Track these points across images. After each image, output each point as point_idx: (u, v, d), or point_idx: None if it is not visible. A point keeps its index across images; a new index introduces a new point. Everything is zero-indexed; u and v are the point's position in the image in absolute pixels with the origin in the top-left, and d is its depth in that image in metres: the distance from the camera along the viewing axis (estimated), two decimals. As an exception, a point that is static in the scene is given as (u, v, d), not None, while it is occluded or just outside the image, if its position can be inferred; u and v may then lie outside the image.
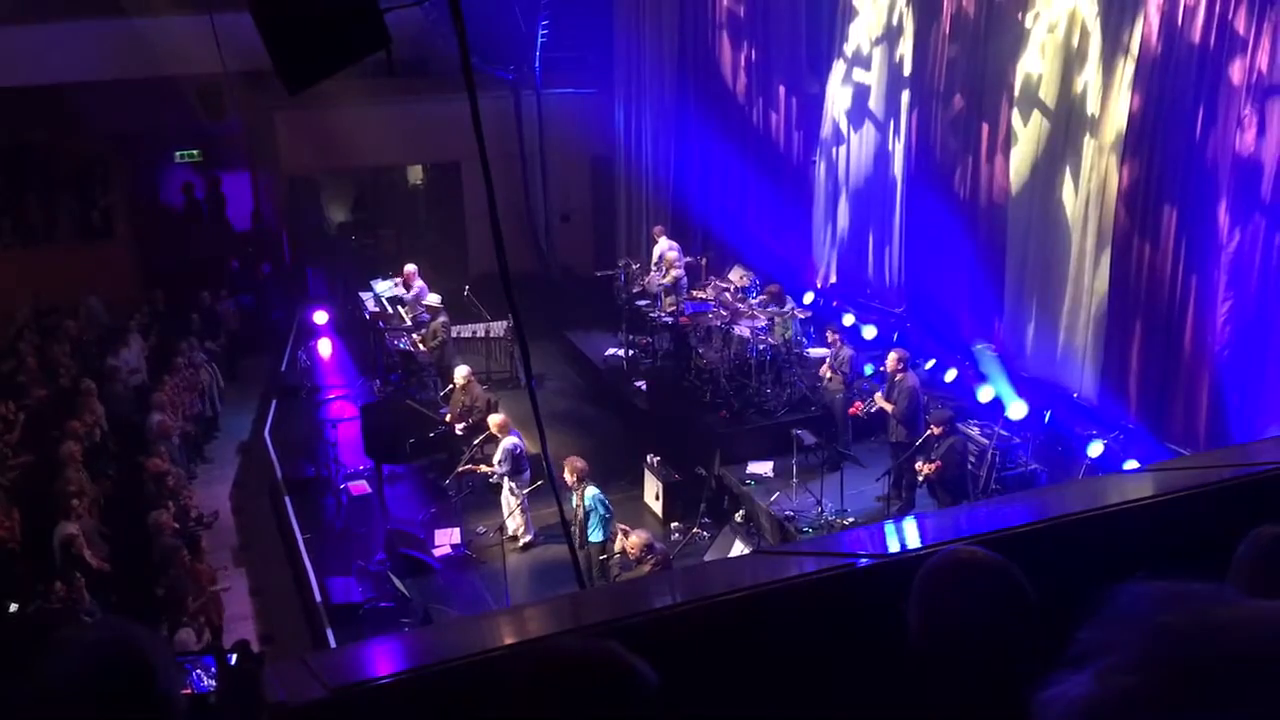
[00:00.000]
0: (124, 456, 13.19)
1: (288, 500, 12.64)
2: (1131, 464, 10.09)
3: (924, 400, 11.43)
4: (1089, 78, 11.25)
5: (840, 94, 15.11)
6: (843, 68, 15.01)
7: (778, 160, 16.25)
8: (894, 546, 3.20)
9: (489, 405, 12.76)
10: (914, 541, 3.12)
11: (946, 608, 2.04)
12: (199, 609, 10.01)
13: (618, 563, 9.94)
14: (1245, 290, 9.74)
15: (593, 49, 18.65)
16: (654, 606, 2.73)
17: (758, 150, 16.31)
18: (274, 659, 8.98)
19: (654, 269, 15.62)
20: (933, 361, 13.20)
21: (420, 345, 14.90)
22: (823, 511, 11.31)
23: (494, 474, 11.63)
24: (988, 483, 10.78)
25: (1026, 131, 12.07)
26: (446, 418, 12.85)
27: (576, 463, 10.67)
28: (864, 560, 2.88)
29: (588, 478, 10.70)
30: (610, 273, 16.56)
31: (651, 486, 12.41)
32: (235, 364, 16.89)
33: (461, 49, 3.73)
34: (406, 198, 21.52)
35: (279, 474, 13.31)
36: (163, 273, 18.40)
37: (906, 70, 13.90)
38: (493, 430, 11.65)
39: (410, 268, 15.71)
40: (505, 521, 11.39)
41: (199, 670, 8.17)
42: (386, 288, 16.08)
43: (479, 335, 15.84)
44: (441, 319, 14.88)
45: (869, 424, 12.31)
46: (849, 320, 14.46)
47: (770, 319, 13.54)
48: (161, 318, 16.93)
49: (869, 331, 14.30)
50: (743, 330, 13.40)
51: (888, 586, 2.15)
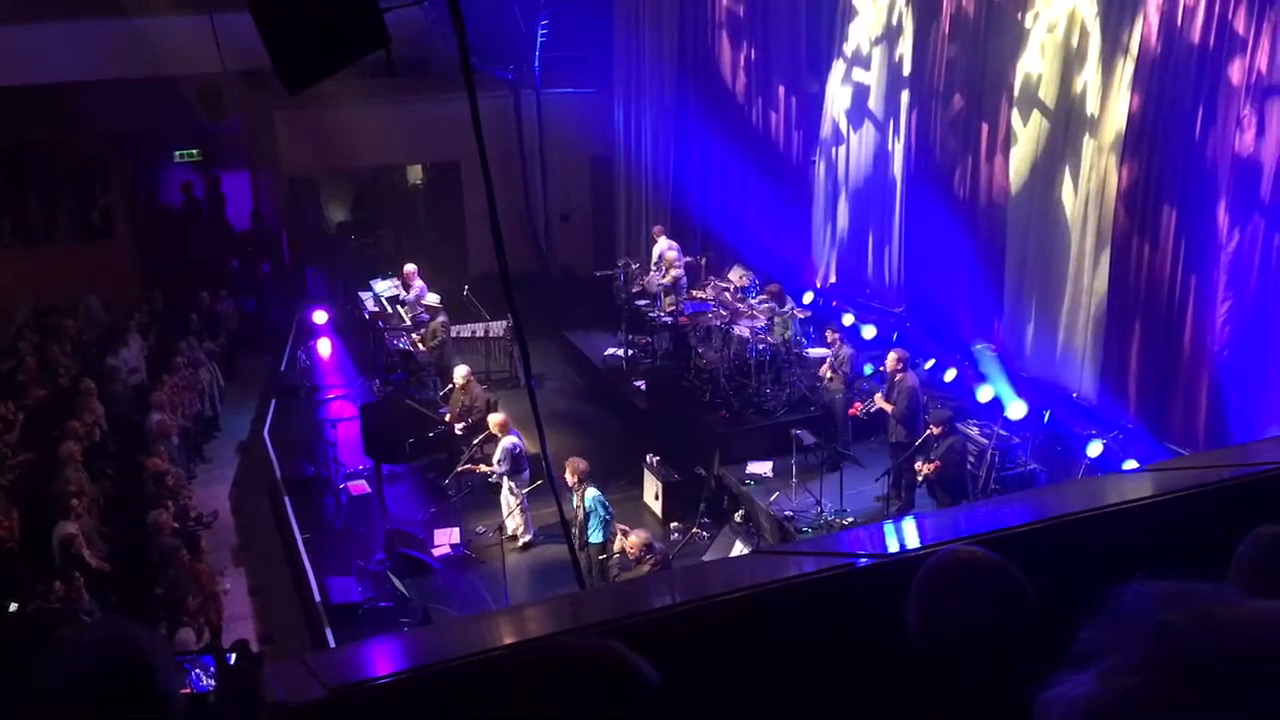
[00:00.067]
0: (123, 456, 13.20)
1: (287, 500, 12.65)
2: (1131, 464, 10.08)
3: (923, 400, 11.42)
4: (1088, 78, 11.25)
5: (840, 94, 15.11)
6: (842, 67, 15.01)
7: (777, 160, 16.25)
8: (893, 546, 3.20)
9: (488, 405, 12.76)
10: (913, 541, 3.12)
11: (946, 607, 2.04)
12: (199, 609, 10.02)
13: (617, 563, 9.94)
14: (1245, 290, 9.74)
15: (592, 49, 18.65)
16: (653, 606, 2.73)
17: (757, 150, 16.31)
18: (273, 659, 8.99)
19: (653, 269, 15.62)
20: (932, 361, 13.19)
21: (420, 345, 14.90)
22: (822, 511, 11.31)
23: (493, 474, 11.62)
24: (987, 483, 10.78)
25: (1026, 131, 12.07)
26: (446, 417, 12.84)
27: (578, 464, 10.67)
28: (863, 560, 2.88)
29: (588, 479, 10.69)
30: (610, 272, 16.56)
31: (651, 486, 12.41)
32: (235, 363, 16.89)
33: (461, 49, 3.73)
34: (406, 197, 21.51)
35: (278, 474, 13.31)
36: (162, 272, 18.41)
37: (906, 70, 13.90)
38: (492, 430, 11.64)
39: (410, 267, 15.72)
40: (505, 521, 11.39)
41: (198, 670, 8.19)
42: (386, 287, 16.09)
43: (478, 335, 15.84)
44: (441, 319, 14.88)
45: (868, 424, 12.30)
46: (848, 320, 14.46)
47: (770, 319, 13.54)
48: (161, 317, 16.93)
49: (868, 331, 14.29)
50: (742, 330, 13.40)
51: (887, 586, 2.15)
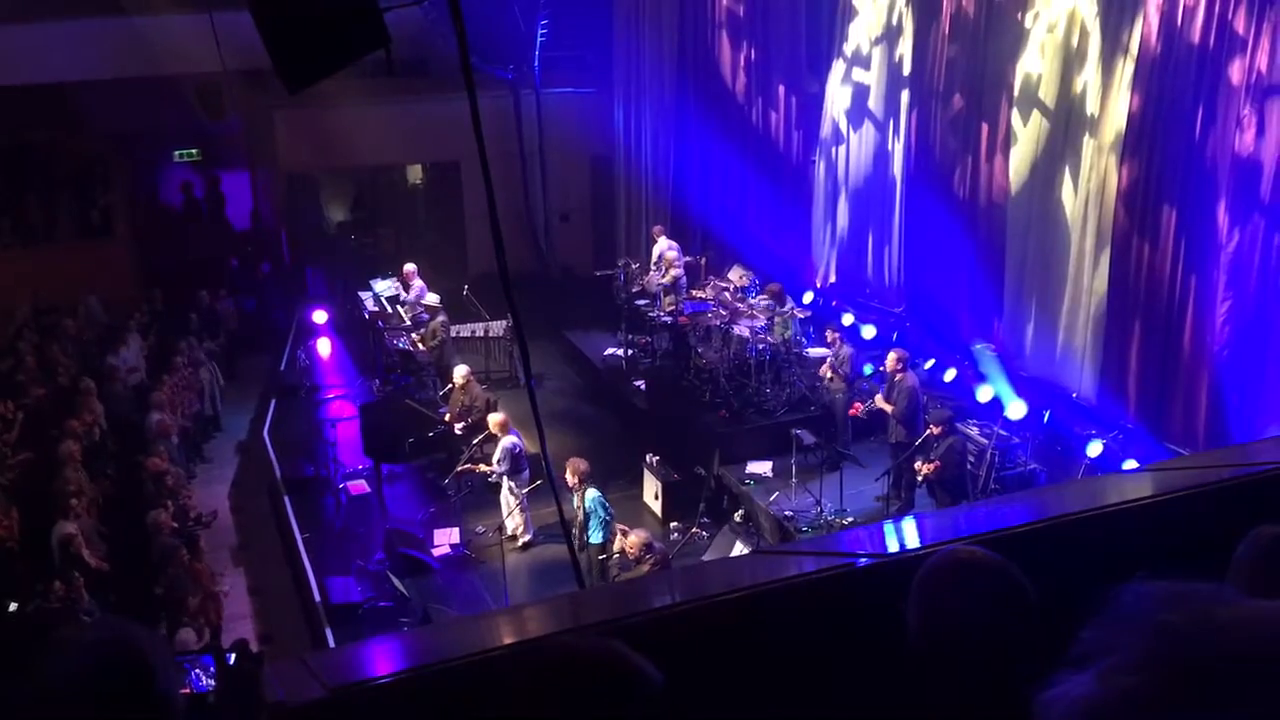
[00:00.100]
0: (123, 456, 13.19)
1: (287, 500, 12.65)
2: (1130, 464, 10.08)
3: (923, 400, 11.43)
4: (1088, 78, 11.25)
5: (840, 94, 15.11)
6: (842, 67, 15.01)
7: (777, 160, 16.25)
8: (893, 546, 3.20)
9: (488, 405, 12.75)
10: (913, 541, 3.12)
11: (946, 607, 2.03)
12: (199, 609, 10.02)
13: (617, 563, 9.93)
14: (1244, 290, 9.74)
15: (592, 48, 18.66)
16: (653, 606, 2.73)
17: (757, 150, 16.31)
18: (273, 658, 8.99)
19: (653, 268, 15.62)
20: (932, 361, 13.19)
21: (419, 345, 14.90)
22: (822, 511, 11.31)
23: (493, 473, 11.62)
24: (987, 482, 10.79)
25: (1026, 131, 12.07)
26: (446, 417, 12.84)
27: (579, 464, 10.66)
28: (863, 560, 2.88)
29: (589, 480, 10.68)
30: (609, 272, 16.56)
31: (650, 486, 12.41)
32: (234, 363, 16.89)
33: (461, 48, 3.73)
34: (406, 197, 21.51)
35: (278, 473, 13.31)
36: (162, 272, 18.40)
37: (906, 70, 13.90)
38: (492, 429, 11.64)
39: (409, 267, 15.72)
40: (504, 521, 11.38)
41: (198, 670, 8.18)
42: (386, 287, 16.08)
43: (478, 335, 15.84)
44: (440, 318, 14.87)
45: (868, 424, 12.31)
46: (848, 320, 14.46)
47: (770, 319, 13.54)
48: (160, 317, 16.92)
49: (868, 331, 14.29)
50: (742, 330, 13.40)
51: (887, 586, 2.15)
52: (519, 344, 9.53)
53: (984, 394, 12.10)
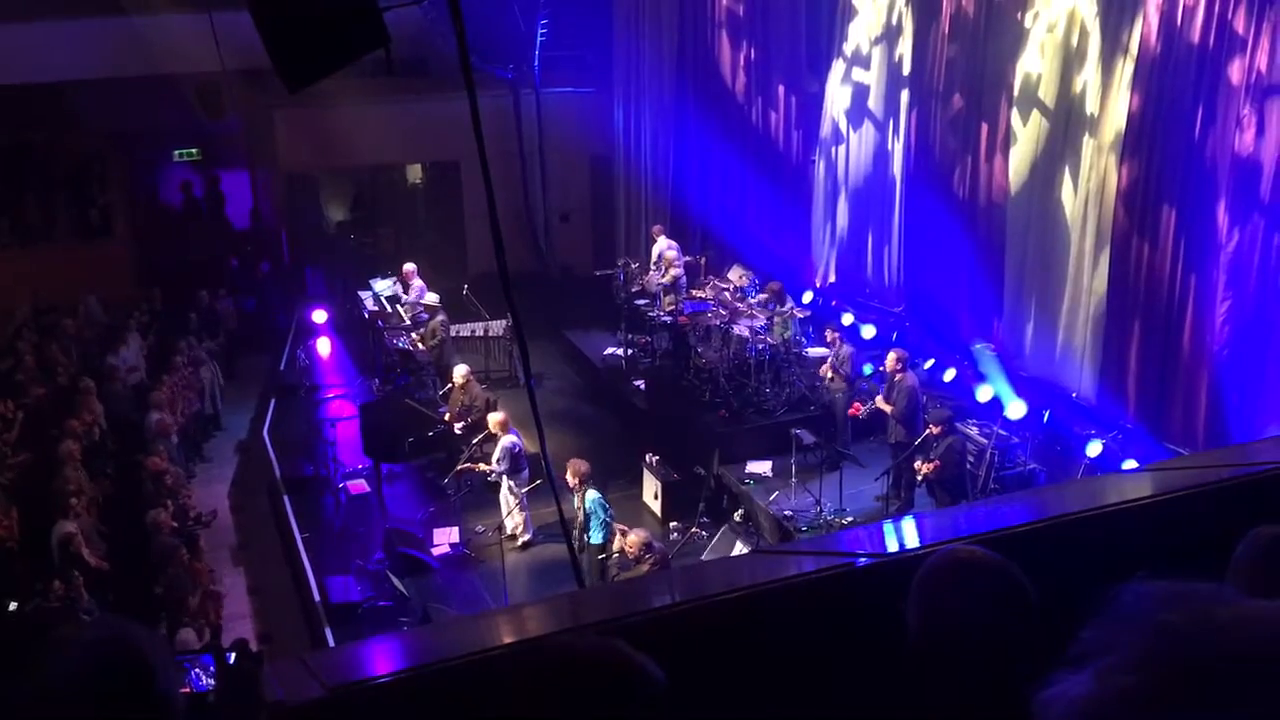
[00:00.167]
0: (122, 455, 13.18)
1: (286, 499, 12.64)
2: (1130, 464, 10.08)
3: (923, 400, 11.43)
4: (1088, 77, 11.25)
5: (839, 93, 15.11)
6: (842, 67, 15.01)
7: (777, 160, 16.25)
8: (893, 546, 3.20)
9: (488, 404, 12.76)
10: (913, 541, 3.12)
11: (946, 607, 2.03)
12: (199, 608, 10.01)
13: (616, 562, 9.93)
14: (1244, 290, 9.74)
15: (592, 48, 18.66)
16: (652, 606, 2.73)
17: (757, 150, 16.30)
18: (272, 658, 8.99)
19: (653, 268, 15.62)
20: (932, 361, 13.19)
21: (419, 344, 14.90)
22: (821, 511, 11.31)
23: (493, 473, 11.62)
24: (986, 482, 10.79)
25: (1026, 131, 12.07)
26: (445, 417, 12.84)
27: (580, 465, 10.65)
28: (863, 560, 2.88)
29: (589, 481, 10.68)
30: (609, 272, 16.56)
31: (650, 486, 12.41)
32: (234, 363, 16.88)
33: (461, 48, 3.73)
34: (405, 197, 21.51)
35: (278, 473, 13.31)
36: (161, 271, 18.41)
37: (906, 70, 13.90)
38: (491, 429, 11.64)
39: (409, 267, 15.71)
40: (504, 521, 11.38)
41: (198, 669, 8.17)
42: (385, 287, 16.08)
43: (478, 334, 15.84)
44: (440, 318, 14.87)
45: (868, 423, 12.30)
46: (848, 320, 14.46)
47: (769, 318, 13.54)
48: (160, 317, 16.92)
49: (868, 331, 14.29)
50: (742, 330, 13.40)
51: (887, 586, 2.15)
52: (519, 343, 9.52)
53: (983, 394, 12.10)
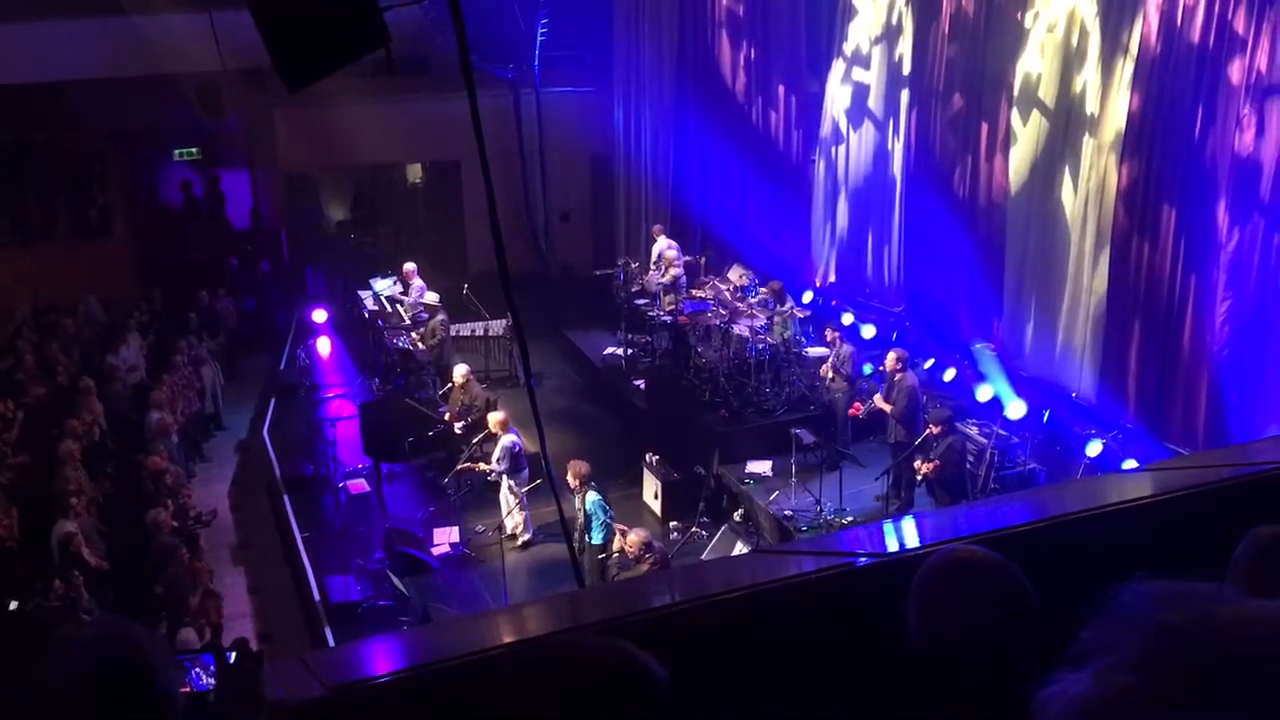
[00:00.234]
0: (122, 455, 13.18)
1: (286, 499, 12.64)
2: (1130, 463, 10.08)
3: (923, 400, 11.43)
4: (1088, 77, 11.25)
5: (839, 93, 15.11)
6: (842, 67, 15.01)
7: (777, 159, 16.25)
8: (893, 546, 3.20)
9: (488, 404, 12.76)
10: (913, 541, 3.12)
11: (946, 607, 2.03)
12: (200, 608, 10.01)
13: (616, 562, 9.93)
14: (1244, 290, 9.74)
15: (592, 48, 18.65)
16: (652, 605, 2.73)
17: (757, 149, 16.30)
18: (273, 657, 8.99)
19: (653, 268, 15.62)
20: (931, 361, 13.19)
21: (419, 344, 14.90)
22: (822, 511, 11.31)
23: (493, 472, 11.62)
24: (986, 482, 10.78)
25: (1026, 131, 12.07)
26: (445, 416, 12.85)
27: (580, 467, 10.64)
28: (863, 560, 2.88)
29: (589, 482, 10.67)
30: (609, 271, 16.56)
31: (650, 485, 12.41)
32: (234, 363, 16.88)
33: (461, 47, 3.73)
34: (405, 196, 21.50)
35: (278, 472, 13.30)
36: (161, 271, 18.40)
37: (906, 69, 13.90)
38: (491, 428, 11.64)
39: (409, 266, 15.71)
40: (504, 520, 11.38)
41: (198, 669, 8.17)
42: (385, 286, 16.08)
43: (478, 334, 15.84)
44: (440, 317, 14.87)
45: (868, 423, 12.30)
46: (848, 319, 14.46)
47: (769, 318, 13.54)
48: (160, 316, 16.91)
49: (868, 331, 14.29)
50: (742, 329, 13.39)
51: (887, 586, 2.15)
52: (519, 343, 9.52)
53: (983, 393, 12.10)
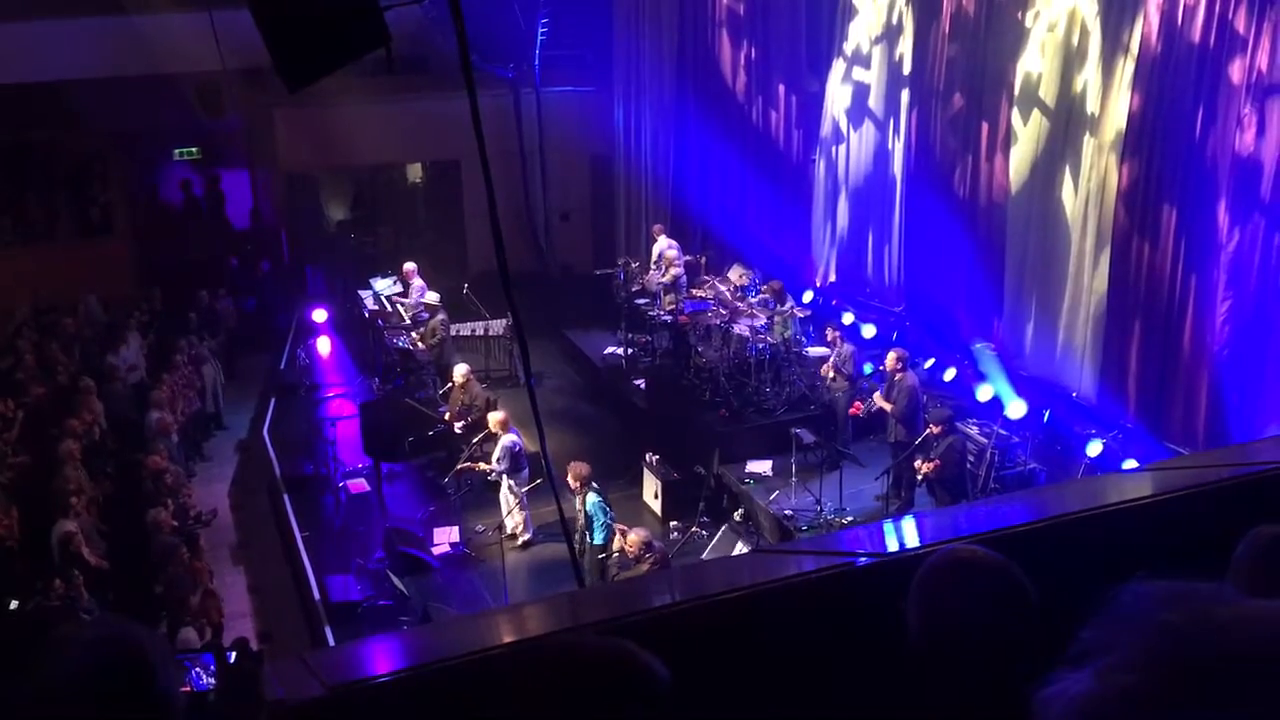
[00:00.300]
0: (122, 454, 13.19)
1: (286, 498, 12.64)
2: (1130, 463, 10.08)
3: (923, 399, 11.42)
4: (1089, 77, 11.25)
5: (840, 93, 15.11)
6: (842, 66, 15.01)
7: (777, 159, 16.24)
8: (893, 545, 3.20)
9: (488, 403, 12.76)
10: (913, 540, 3.12)
11: (946, 607, 2.03)
12: (200, 607, 10.01)
13: (616, 562, 9.93)
14: (1244, 290, 9.74)
15: (592, 47, 18.65)
16: (652, 605, 2.73)
17: (757, 149, 16.30)
18: (273, 657, 8.99)
19: (653, 267, 15.62)
20: (932, 360, 13.19)
21: (419, 343, 14.90)
22: (822, 510, 11.31)
23: (493, 472, 11.62)
24: (986, 482, 10.79)
25: (1026, 130, 12.07)
26: (445, 416, 12.85)
27: (580, 468, 10.63)
28: (863, 559, 2.88)
29: (589, 483, 10.67)
30: (609, 271, 16.56)
31: (650, 485, 12.41)
32: (234, 362, 16.88)
33: (461, 47, 3.73)
34: (406, 196, 21.51)
35: (278, 472, 13.30)
36: (162, 271, 18.40)
37: (906, 69, 13.89)
38: (492, 428, 11.65)
39: (409, 266, 15.71)
40: (504, 520, 11.38)
41: (198, 668, 8.18)
42: (385, 286, 16.08)
43: (478, 333, 15.85)
44: (440, 317, 14.87)
45: (868, 423, 12.31)
46: (848, 319, 14.45)
47: (770, 318, 13.54)
48: (160, 316, 16.91)
49: (868, 330, 14.29)
50: (742, 329, 13.39)
51: (887, 586, 2.15)
52: (519, 343, 9.51)
53: (984, 393, 12.10)
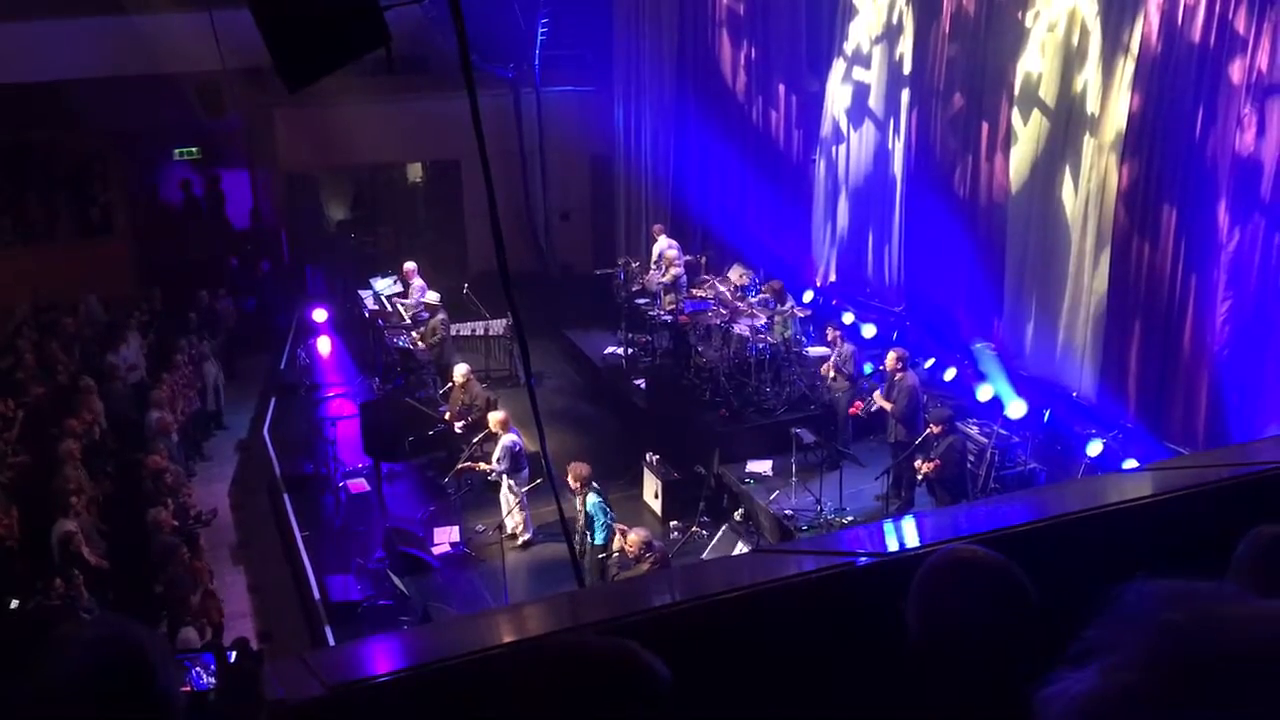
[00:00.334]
0: (123, 454, 13.19)
1: (286, 498, 12.64)
2: (1130, 463, 10.08)
3: (923, 399, 11.42)
4: (1089, 77, 11.24)
5: (840, 92, 15.11)
6: (843, 66, 15.01)
7: (777, 159, 16.24)
8: (893, 545, 3.20)
9: (488, 403, 12.76)
10: (913, 540, 3.12)
11: (946, 607, 2.03)
12: (200, 607, 10.01)
13: (616, 561, 9.93)
14: (1245, 290, 9.74)
15: (592, 47, 18.65)
16: (652, 605, 2.73)
17: (757, 149, 16.30)
18: (273, 656, 8.99)
19: (653, 267, 15.61)
20: (932, 360, 13.19)
21: (419, 343, 14.90)
22: (822, 510, 11.31)
23: (493, 472, 11.62)
24: (987, 482, 10.78)
25: (1026, 130, 12.07)
26: (445, 416, 12.85)
27: (581, 469, 10.63)
28: (863, 559, 2.88)
29: (590, 484, 10.67)
30: (610, 271, 16.56)
31: (650, 485, 12.41)
32: (234, 362, 16.88)
33: (461, 47, 3.73)
34: (406, 195, 21.51)
35: (278, 471, 13.31)
36: (162, 270, 18.41)
37: (906, 69, 13.89)
38: (492, 428, 11.64)
39: (409, 265, 15.71)
40: (504, 520, 11.39)
41: (198, 668, 8.18)
42: (385, 285, 16.08)
43: (478, 333, 15.85)
44: (440, 317, 14.87)
45: (868, 423, 12.31)
46: (848, 319, 14.45)
47: (770, 317, 13.54)
48: (159, 316, 16.91)
49: (868, 330, 14.29)
50: (742, 329, 13.39)
51: (887, 585, 2.15)
52: (519, 342, 9.50)
53: (984, 393, 12.10)
